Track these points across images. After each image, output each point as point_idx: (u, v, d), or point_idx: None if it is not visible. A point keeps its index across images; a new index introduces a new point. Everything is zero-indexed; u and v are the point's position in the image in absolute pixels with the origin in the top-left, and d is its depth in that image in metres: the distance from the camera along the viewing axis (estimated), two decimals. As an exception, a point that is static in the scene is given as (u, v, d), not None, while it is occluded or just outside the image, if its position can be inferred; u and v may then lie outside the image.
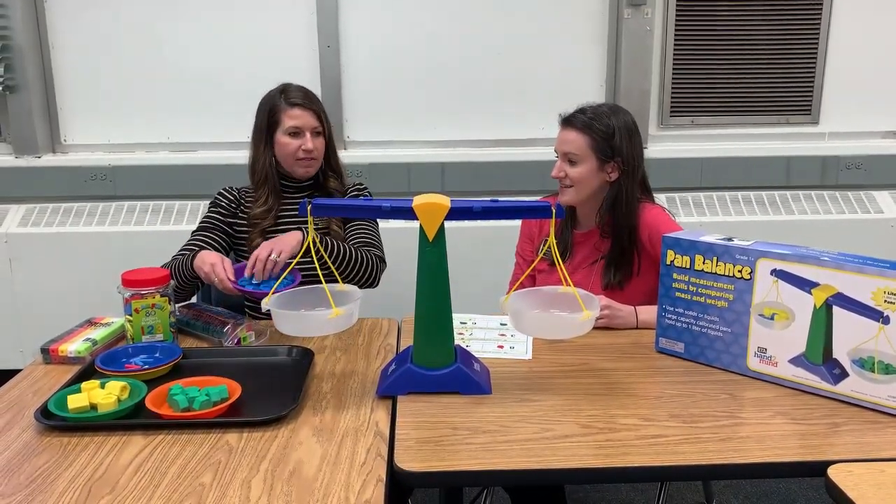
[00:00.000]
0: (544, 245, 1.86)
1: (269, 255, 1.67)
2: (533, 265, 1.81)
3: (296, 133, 1.89)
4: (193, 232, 1.95)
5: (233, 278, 1.67)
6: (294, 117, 1.89)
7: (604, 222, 1.83)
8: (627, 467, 1.13)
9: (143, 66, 2.87)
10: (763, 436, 1.21)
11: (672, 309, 1.54)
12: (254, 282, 1.68)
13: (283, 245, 1.71)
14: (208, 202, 2.80)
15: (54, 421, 1.25)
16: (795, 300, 1.36)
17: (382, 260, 1.95)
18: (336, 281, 1.44)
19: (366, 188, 2.08)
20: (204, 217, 1.97)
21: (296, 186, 1.98)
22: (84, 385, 1.31)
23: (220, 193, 1.99)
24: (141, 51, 2.86)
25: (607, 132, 1.77)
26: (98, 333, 1.61)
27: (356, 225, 1.98)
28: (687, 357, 1.53)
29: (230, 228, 1.96)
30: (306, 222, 1.92)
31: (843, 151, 2.99)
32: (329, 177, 2.00)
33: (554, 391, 1.38)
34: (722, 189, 2.99)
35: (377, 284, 1.91)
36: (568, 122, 1.81)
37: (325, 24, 2.85)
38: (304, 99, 1.92)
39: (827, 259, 1.32)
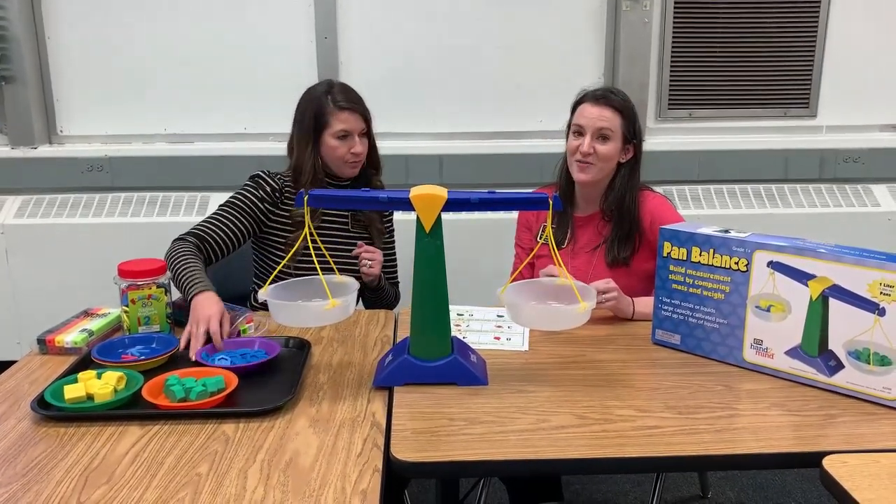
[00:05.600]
0: (544, 231, 1.86)
1: (204, 330, 1.52)
2: (534, 252, 1.81)
3: (344, 136, 1.87)
4: (221, 206, 1.87)
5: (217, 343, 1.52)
6: (343, 121, 1.86)
7: (609, 205, 1.83)
8: (623, 458, 1.14)
9: (140, 57, 2.86)
10: (758, 427, 1.21)
11: (668, 301, 1.54)
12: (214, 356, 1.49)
13: (205, 315, 1.53)
14: (205, 193, 2.85)
15: (51, 411, 1.25)
16: (792, 292, 1.36)
17: (398, 295, 2.11)
18: (333, 272, 1.44)
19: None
20: (239, 194, 1.88)
21: (340, 185, 1.94)
22: (81, 375, 1.32)
23: (261, 177, 1.90)
24: (137, 42, 2.85)
25: (633, 113, 1.81)
26: (94, 324, 1.61)
27: (389, 249, 2.07)
28: (683, 349, 1.53)
29: (266, 217, 1.89)
30: (350, 218, 1.95)
31: (840, 145, 2.99)
32: (372, 174, 1.98)
33: (550, 382, 1.38)
34: (719, 182, 2.99)
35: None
36: (599, 98, 1.80)
37: (322, 15, 2.83)
38: (352, 101, 1.89)
39: (823, 251, 1.32)
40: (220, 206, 1.89)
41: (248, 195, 1.89)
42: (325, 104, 1.87)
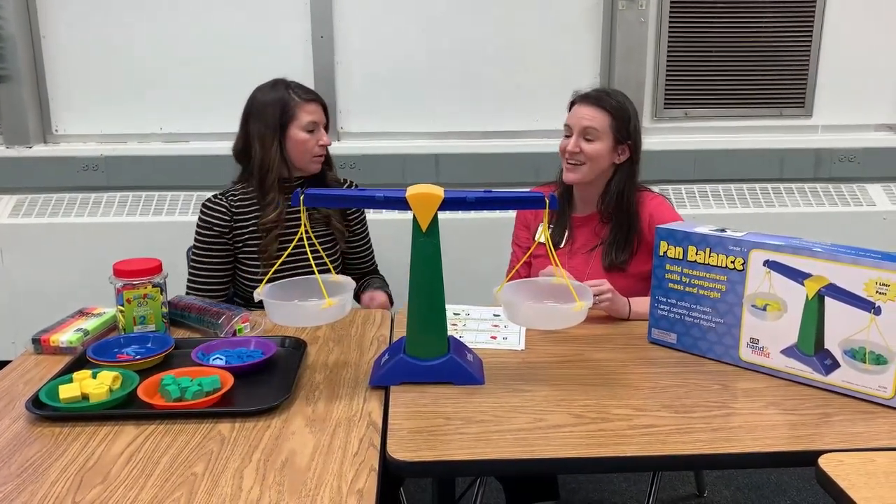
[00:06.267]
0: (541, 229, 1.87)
1: None
2: (531, 250, 1.81)
3: (312, 129, 1.85)
4: (193, 263, 1.89)
5: None
6: (311, 112, 1.84)
7: (606, 207, 1.83)
8: (619, 457, 1.14)
9: (135, 56, 2.85)
10: (754, 426, 1.21)
11: (665, 300, 1.54)
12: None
13: None
14: (201, 193, 2.84)
15: (46, 411, 1.24)
16: (788, 291, 1.36)
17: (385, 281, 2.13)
18: (329, 271, 1.44)
19: (354, 183, 2.07)
20: (199, 242, 1.88)
21: (298, 184, 1.90)
22: (76, 375, 1.31)
23: (207, 211, 1.87)
24: (133, 41, 2.84)
25: (626, 114, 1.79)
26: (90, 324, 1.60)
27: (362, 244, 2.07)
28: (679, 348, 1.54)
29: (230, 244, 1.88)
30: (310, 218, 1.92)
31: (836, 144, 3.00)
32: (326, 170, 1.96)
33: (547, 381, 1.38)
34: (715, 182, 2.99)
35: None
36: (589, 98, 1.80)
37: (318, 13, 2.83)
38: (314, 94, 1.89)
39: (819, 250, 1.32)
40: (191, 260, 1.90)
41: (209, 239, 1.87)
42: (289, 98, 1.85)
